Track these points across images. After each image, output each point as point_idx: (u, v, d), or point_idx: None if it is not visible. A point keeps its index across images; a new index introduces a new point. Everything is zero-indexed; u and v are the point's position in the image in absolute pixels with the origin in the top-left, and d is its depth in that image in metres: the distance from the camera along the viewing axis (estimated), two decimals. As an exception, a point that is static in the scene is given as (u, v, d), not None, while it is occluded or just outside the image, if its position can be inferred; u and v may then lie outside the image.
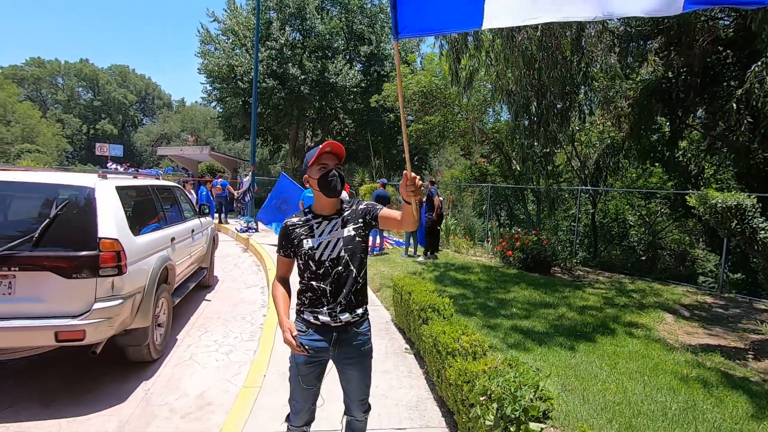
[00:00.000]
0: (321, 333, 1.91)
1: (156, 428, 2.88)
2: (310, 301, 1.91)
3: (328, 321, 1.88)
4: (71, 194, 3.21)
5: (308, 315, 1.92)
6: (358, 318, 1.93)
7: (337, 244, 1.88)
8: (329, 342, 1.91)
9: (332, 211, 1.95)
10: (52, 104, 59.21)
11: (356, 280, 1.90)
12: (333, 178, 1.85)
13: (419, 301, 3.76)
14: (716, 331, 5.19)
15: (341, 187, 1.89)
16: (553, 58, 7.52)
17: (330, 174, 1.85)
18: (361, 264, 1.92)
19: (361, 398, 2.05)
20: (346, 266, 1.88)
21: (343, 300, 1.87)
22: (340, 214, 1.95)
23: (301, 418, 2.01)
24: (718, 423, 2.99)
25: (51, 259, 2.97)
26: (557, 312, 5.48)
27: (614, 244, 11.34)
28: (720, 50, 7.96)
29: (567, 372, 3.69)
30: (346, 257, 1.87)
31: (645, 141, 9.44)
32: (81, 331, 2.97)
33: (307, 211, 1.98)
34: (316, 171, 1.87)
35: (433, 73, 13.62)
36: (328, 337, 1.90)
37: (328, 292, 1.87)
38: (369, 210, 1.96)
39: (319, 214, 1.95)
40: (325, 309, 1.87)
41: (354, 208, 1.98)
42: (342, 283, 1.87)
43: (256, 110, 13.22)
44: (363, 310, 1.96)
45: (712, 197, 4.40)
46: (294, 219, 1.96)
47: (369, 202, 2.00)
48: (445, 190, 14.57)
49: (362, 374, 2.00)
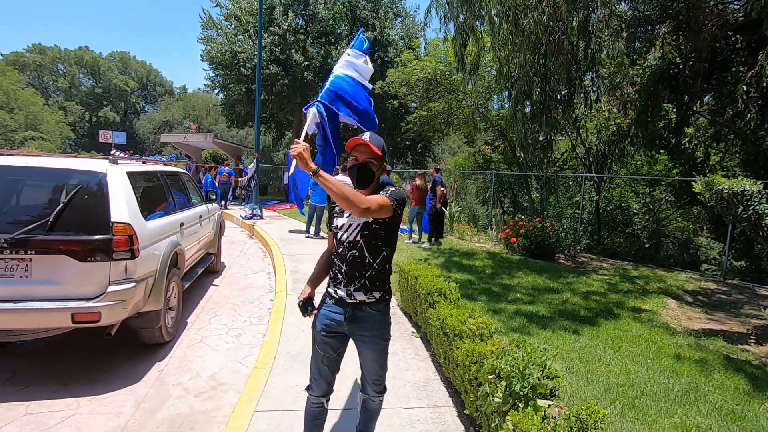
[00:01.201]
0: (337, 305, 2.01)
1: (171, 406, 2.97)
2: (332, 276, 2.03)
3: (344, 296, 1.97)
4: (83, 179, 3.25)
5: (331, 287, 2.04)
6: (374, 300, 1.99)
7: (356, 228, 1.94)
8: (344, 316, 1.99)
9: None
10: (54, 91, 59.03)
11: (372, 266, 1.95)
12: (354, 171, 1.94)
13: (426, 286, 3.81)
14: (719, 317, 5.25)
15: (365, 181, 1.95)
16: (558, 43, 7.44)
17: (354, 167, 1.94)
18: (377, 251, 1.96)
19: (374, 378, 2.12)
20: (361, 251, 1.93)
21: (357, 282, 1.94)
22: None
23: (318, 387, 2.09)
24: (719, 404, 3.05)
25: (66, 243, 3.03)
26: (561, 297, 5.54)
27: (618, 232, 11.37)
28: (729, 35, 7.86)
29: (571, 355, 3.75)
30: (361, 242, 1.93)
31: (651, 128, 9.38)
32: (97, 313, 3.04)
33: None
34: (350, 161, 1.98)
35: (438, 59, 13.49)
36: (344, 311, 1.99)
37: (343, 271, 1.96)
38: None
39: None
40: (342, 286, 1.97)
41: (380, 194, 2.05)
42: (356, 266, 1.94)
43: (259, 97, 13.17)
44: (380, 295, 2.00)
45: (719, 183, 4.40)
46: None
47: (390, 190, 1.99)
48: (448, 177, 14.56)
49: (375, 355, 2.06)
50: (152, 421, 2.80)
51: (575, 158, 12.37)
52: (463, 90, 13.08)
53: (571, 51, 7.33)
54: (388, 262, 2.03)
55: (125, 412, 2.87)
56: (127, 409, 2.92)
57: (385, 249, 1.99)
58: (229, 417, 2.79)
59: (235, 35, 19.23)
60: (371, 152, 1.92)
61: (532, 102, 8.11)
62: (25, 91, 48.85)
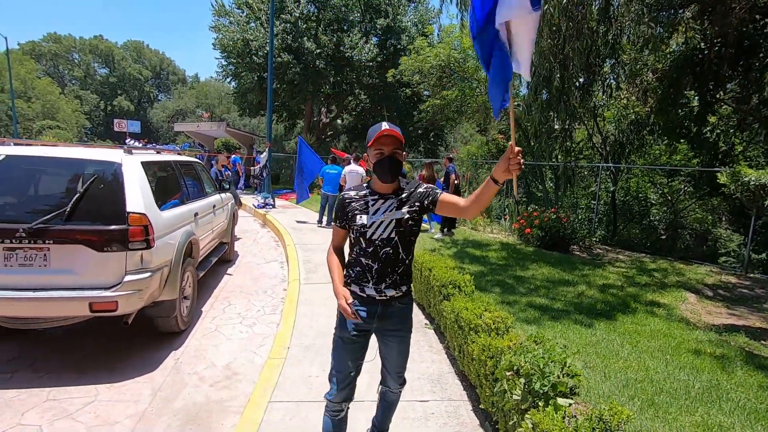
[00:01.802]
0: (365, 305, 1.95)
1: (187, 395, 3.00)
2: (357, 275, 1.94)
3: (374, 294, 1.92)
4: (99, 169, 3.26)
5: (354, 287, 1.96)
6: (402, 294, 1.97)
7: (390, 225, 1.88)
8: (373, 315, 1.95)
9: (389, 190, 1.94)
10: (70, 80, 59.78)
11: (404, 262, 1.93)
12: (386, 165, 1.85)
13: (440, 278, 3.77)
14: (740, 312, 5.11)
15: (397, 173, 1.87)
16: (578, 28, 7.21)
17: (384, 161, 1.85)
18: (409, 246, 1.94)
19: (398, 371, 2.11)
20: (395, 248, 1.89)
21: (388, 279, 1.91)
22: (397, 194, 1.94)
23: (341, 393, 2.01)
24: (741, 402, 2.97)
25: (83, 233, 3.05)
26: (576, 290, 5.46)
27: (634, 223, 11.13)
28: (757, 19, 7.53)
29: (587, 349, 3.69)
30: (396, 239, 1.88)
31: (672, 116, 9.11)
32: (114, 302, 3.08)
33: (366, 186, 1.99)
34: (373, 155, 1.86)
35: (452, 45, 13.23)
36: (372, 310, 1.94)
37: (374, 270, 1.90)
38: (428, 194, 1.93)
39: (377, 191, 1.95)
40: (371, 285, 1.91)
41: (413, 191, 1.96)
42: (389, 263, 1.89)
43: (271, 85, 13.12)
44: (407, 288, 2.00)
45: (745, 174, 4.25)
46: (351, 192, 1.97)
47: (429, 186, 1.97)
48: (461, 166, 14.40)
49: (402, 347, 2.05)
50: (169, 409, 2.83)
51: (591, 147, 12.11)
52: (477, 78, 12.83)
53: (591, 37, 7.11)
54: (413, 255, 2.01)
55: (143, 400, 2.92)
56: (145, 397, 2.96)
57: (414, 241, 1.98)
58: (244, 407, 2.81)
59: (246, 23, 19.13)
60: (398, 141, 1.85)
61: (549, 90, 7.91)
62: (41, 80, 49.57)
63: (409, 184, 1.99)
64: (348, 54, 18.43)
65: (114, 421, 2.69)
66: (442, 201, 1.90)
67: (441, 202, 1.90)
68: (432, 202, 1.91)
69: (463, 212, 1.86)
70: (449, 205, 1.90)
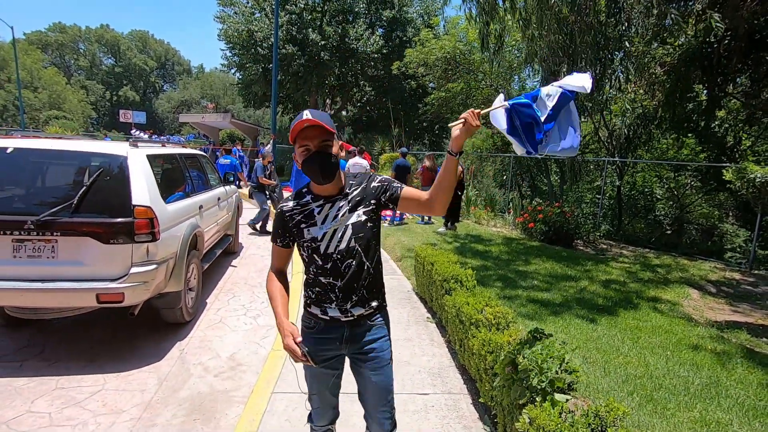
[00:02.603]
0: (330, 328, 1.64)
1: (192, 385, 3.06)
2: (317, 296, 1.63)
3: (338, 316, 1.62)
4: (104, 162, 3.30)
5: (315, 309, 1.66)
6: (372, 310, 1.67)
7: (345, 233, 1.56)
8: (340, 339, 1.64)
9: (334, 190, 1.59)
10: (76, 70, 59.93)
11: (370, 273, 1.62)
12: (315, 164, 1.49)
13: (442, 272, 3.79)
14: (743, 308, 5.11)
15: (332, 171, 1.52)
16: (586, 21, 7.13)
17: (312, 159, 1.49)
18: (373, 252, 1.63)
19: (381, 409, 1.70)
20: (358, 258, 1.58)
21: (354, 296, 1.60)
22: (345, 194, 1.60)
23: (324, 417, 1.79)
24: (741, 399, 2.99)
25: (89, 225, 3.10)
26: (579, 285, 5.46)
27: (639, 218, 11.09)
28: (770, 12, 7.39)
29: (588, 344, 3.71)
30: (357, 247, 1.57)
31: (679, 110, 9.01)
32: (120, 294, 3.13)
33: (305, 191, 1.63)
34: (299, 153, 1.52)
35: (457, 37, 13.13)
36: (338, 333, 1.64)
37: (337, 288, 1.58)
38: (386, 188, 1.61)
39: (320, 195, 1.60)
40: (334, 305, 1.61)
41: (365, 186, 1.63)
42: (354, 277, 1.58)
43: (276, 77, 13.09)
44: (378, 303, 1.68)
45: (751, 171, 4.22)
46: (290, 203, 1.63)
47: (385, 178, 1.64)
48: (465, 159, 14.35)
49: (381, 377, 1.67)
50: (174, 398, 2.89)
51: (598, 141, 12.02)
52: (482, 70, 12.75)
53: (599, 30, 7.02)
54: (381, 263, 1.70)
55: (149, 389, 2.98)
56: (151, 386, 3.02)
57: (378, 247, 1.67)
58: (248, 397, 2.87)
59: (251, 14, 19.05)
60: (324, 132, 1.49)
61: (558, 83, 7.85)
62: (47, 70, 49.72)
63: (358, 178, 1.66)
64: (353, 46, 18.32)
65: (121, 409, 2.75)
66: (405, 197, 1.59)
67: (403, 199, 1.59)
68: (391, 198, 1.61)
69: (428, 206, 1.56)
70: (412, 201, 1.59)
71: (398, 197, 1.60)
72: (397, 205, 1.60)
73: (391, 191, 1.61)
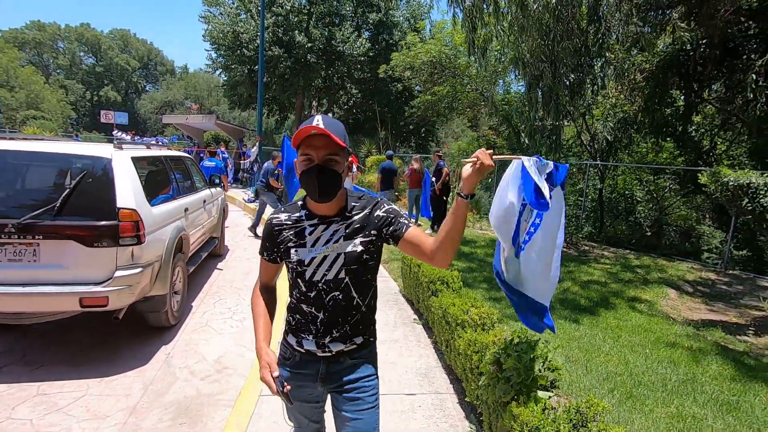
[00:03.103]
0: (305, 362, 1.45)
1: (178, 389, 3.04)
2: (297, 324, 1.46)
3: (314, 350, 1.42)
4: (88, 165, 3.26)
5: (291, 338, 1.48)
6: (354, 347, 1.45)
7: (336, 262, 1.37)
8: (315, 376, 1.44)
9: (332, 210, 1.40)
10: (54, 69, 58.54)
11: (359, 310, 1.43)
12: (313, 179, 1.29)
13: (428, 274, 3.85)
14: (718, 307, 5.29)
15: (331, 191, 1.32)
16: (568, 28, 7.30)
17: (311, 172, 1.29)
18: (367, 288, 1.45)
19: None
20: (347, 292, 1.40)
21: (335, 332, 1.41)
22: (344, 216, 1.40)
23: None
24: (715, 395, 3.11)
25: (73, 228, 3.06)
26: (562, 286, 5.58)
27: (620, 220, 11.35)
28: (742, 21, 7.69)
29: (570, 344, 3.81)
30: (347, 280, 1.38)
31: (658, 115, 9.29)
32: (104, 297, 3.09)
33: (301, 205, 1.45)
34: (300, 161, 1.34)
35: (443, 42, 13.28)
36: (313, 369, 1.44)
37: (319, 321, 1.41)
38: (390, 221, 1.40)
39: (315, 213, 1.41)
40: (312, 337, 1.42)
41: (368, 213, 1.41)
42: (338, 312, 1.40)
43: (262, 79, 13.04)
44: (363, 339, 1.47)
45: (725, 175, 4.38)
46: (282, 216, 1.44)
47: (392, 209, 1.43)
48: (451, 162, 14.50)
49: (360, 423, 1.42)
50: (160, 402, 2.87)
51: (580, 145, 12.28)
52: (468, 74, 12.91)
53: (580, 36, 7.20)
54: (375, 297, 1.51)
55: (134, 394, 2.95)
56: (136, 391, 2.99)
57: (374, 282, 1.49)
58: (235, 400, 2.86)
59: (237, 15, 18.92)
60: (333, 144, 1.28)
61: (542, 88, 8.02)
62: (25, 69, 48.46)
63: (362, 200, 1.44)
64: (339, 48, 18.35)
65: (105, 414, 2.72)
66: (408, 239, 1.38)
67: (405, 241, 1.38)
68: (393, 235, 1.39)
69: (430, 257, 1.35)
70: (414, 246, 1.37)
71: (401, 237, 1.38)
72: (398, 244, 1.40)
73: (395, 227, 1.39)
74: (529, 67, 7.57)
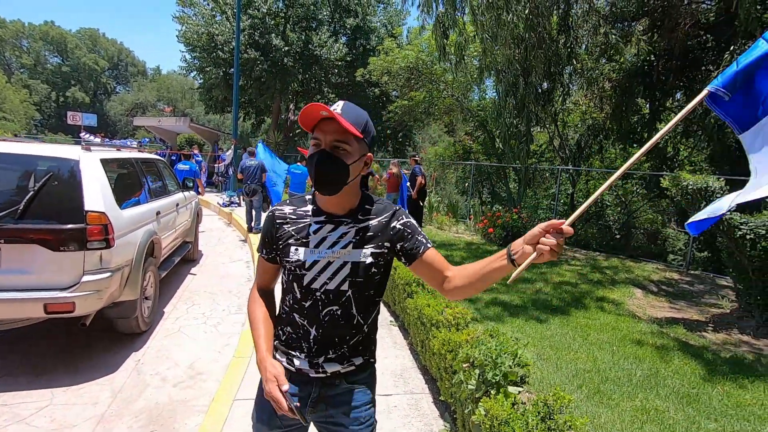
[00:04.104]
0: (295, 383, 1.24)
1: (149, 396, 2.97)
2: (288, 338, 1.27)
3: (307, 369, 1.23)
4: (55, 166, 3.16)
5: (281, 355, 1.27)
6: (353, 368, 1.26)
7: (341, 271, 1.19)
8: (306, 399, 1.24)
9: (342, 209, 1.23)
10: (17, 68, 56.11)
11: (360, 330, 1.25)
12: (315, 165, 1.13)
13: (404, 276, 3.89)
14: (680, 306, 5.53)
15: (335, 182, 1.15)
16: (539, 37, 7.56)
17: (316, 158, 1.14)
18: (371, 306, 1.26)
19: None
20: (346, 307, 1.21)
21: (333, 351, 1.23)
22: (356, 218, 1.22)
23: None
24: (677, 388, 3.26)
25: (37, 232, 2.96)
26: (534, 287, 5.73)
27: (591, 223, 11.74)
28: (701, 34, 8.13)
29: (542, 342, 3.92)
30: (349, 293, 1.20)
31: (625, 122, 9.68)
32: (70, 303, 3.00)
33: (309, 198, 1.28)
34: (311, 147, 1.19)
35: (420, 48, 13.46)
36: (304, 392, 1.24)
37: (311, 337, 1.22)
38: (407, 237, 1.23)
39: (323, 210, 1.23)
40: (303, 354, 1.24)
41: (385, 221, 1.23)
42: (334, 329, 1.22)
43: (238, 82, 12.89)
44: (363, 361, 1.28)
45: (684, 179, 4.61)
46: (286, 208, 1.27)
47: (412, 224, 1.25)
48: (428, 167, 14.67)
49: None
50: (129, 410, 2.80)
51: (553, 151, 12.65)
52: (444, 80, 13.11)
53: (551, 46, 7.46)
54: (377, 314, 1.33)
55: (102, 402, 2.86)
56: (104, 398, 2.90)
57: (378, 299, 1.29)
58: (209, 406, 2.82)
59: (212, 16, 18.65)
60: (342, 131, 1.12)
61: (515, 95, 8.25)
62: (-15, 67, 46.26)
63: (378, 204, 1.27)
64: (317, 52, 18.32)
65: (71, 424, 2.63)
66: (426, 260, 1.22)
67: (422, 261, 1.22)
68: (408, 253, 1.23)
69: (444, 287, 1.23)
70: (431, 270, 1.23)
71: (416, 257, 1.22)
72: (411, 264, 1.24)
73: (412, 244, 1.22)
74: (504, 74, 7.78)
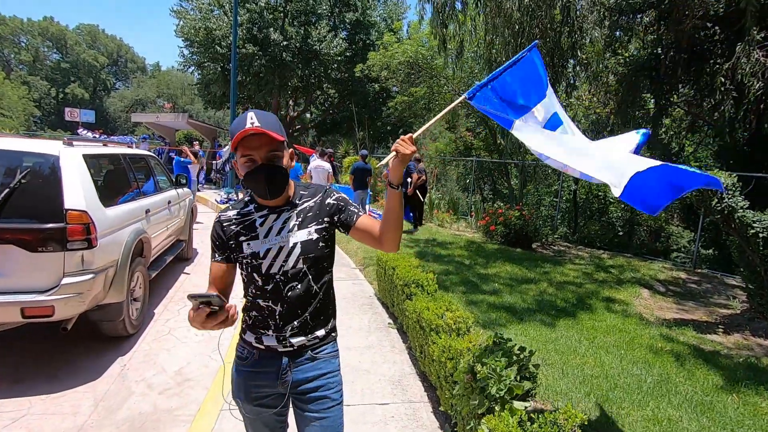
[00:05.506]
0: (265, 360, 1.41)
1: (133, 405, 2.81)
2: (254, 320, 1.42)
3: (275, 345, 1.39)
4: (34, 162, 2.99)
5: (250, 335, 1.43)
6: (317, 341, 1.43)
7: (293, 252, 1.36)
8: (276, 374, 1.39)
9: (282, 199, 1.40)
10: (16, 65, 55.85)
11: (316, 296, 1.41)
12: (261, 180, 1.29)
13: (403, 277, 3.72)
14: (689, 306, 5.36)
15: (282, 186, 1.34)
16: (541, 28, 7.34)
17: (257, 173, 1.29)
18: (323, 275, 1.43)
19: None
20: (305, 282, 1.38)
21: (296, 323, 1.39)
22: (293, 204, 1.41)
23: None
24: (689, 395, 3.09)
25: (14, 232, 2.79)
26: (538, 287, 5.56)
27: (594, 220, 11.56)
28: (709, 27, 7.90)
29: (547, 346, 3.75)
30: (304, 269, 1.37)
31: (630, 117, 9.46)
32: (50, 307, 2.84)
33: (248, 200, 1.44)
34: (241, 164, 1.31)
35: (420, 42, 13.24)
36: (274, 366, 1.40)
37: (277, 314, 1.38)
38: (341, 209, 1.43)
39: (263, 204, 1.41)
40: (271, 332, 1.39)
41: (319, 201, 1.43)
42: (297, 303, 1.38)
43: (235, 78, 12.70)
44: (325, 332, 1.45)
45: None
46: (229, 213, 1.42)
47: (342, 197, 1.46)
48: (429, 163, 14.47)
49: (326, 422, 1.40)
50: (111, 421, 2.64)
51: (555, 146, 12.44)
52: (444, 75, 12.90)
53: (554, 38, 7.25)
54: (332, 287, 1.50)
55: (82, 412, 2.71)
56: (85, 408, 2.75)
57: (330, 269, 1.47)
58: (194, 416, 2.66)
59: (210, 11, 18.41)
60: (272, 141, 1.28)
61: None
62: (-16, 63, 46.00)
63: (311, 189, 1.47)
64: (316, 47, 18.08)
65: (48, 436, 2.48)
66: (358, 227, 1.41)
67: (356, 229, 1.41)
68: (343, 223, 1.42)
69: (379, 243, 1.39)
70: (365, 233, 1.41)
71: (351, 225, 1.41)
72: (349, 232, 1.42)
73: (346, 214, 1.41)
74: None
